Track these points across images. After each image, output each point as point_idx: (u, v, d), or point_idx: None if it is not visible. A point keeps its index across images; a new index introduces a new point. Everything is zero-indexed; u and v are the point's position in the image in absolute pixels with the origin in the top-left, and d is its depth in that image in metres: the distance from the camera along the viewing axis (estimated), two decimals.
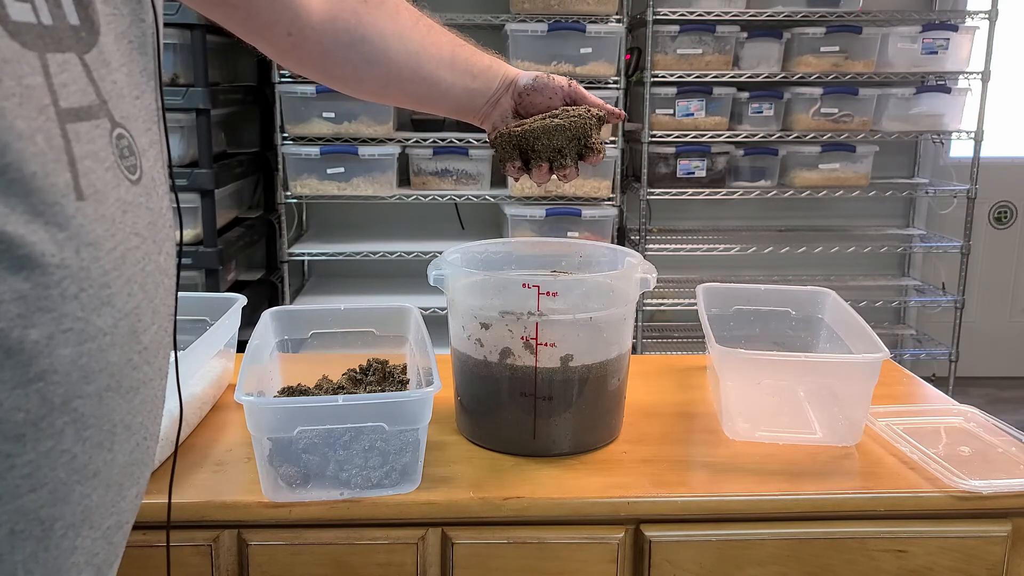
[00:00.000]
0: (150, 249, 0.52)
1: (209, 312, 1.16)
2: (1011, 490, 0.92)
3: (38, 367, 0.43)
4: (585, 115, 0.95)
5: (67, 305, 0.44)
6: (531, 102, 1.00)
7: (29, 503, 0.44)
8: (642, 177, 3.04)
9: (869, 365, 1.02)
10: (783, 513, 0.93)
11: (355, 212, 3.29)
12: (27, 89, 0.43)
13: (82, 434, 0.46)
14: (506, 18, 2.83)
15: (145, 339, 0.51)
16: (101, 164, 0.47)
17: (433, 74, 0.97)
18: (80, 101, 0.47)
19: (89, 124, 0.47)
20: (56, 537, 0.46)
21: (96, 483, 0.48)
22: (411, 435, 0.91)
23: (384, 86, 0.98)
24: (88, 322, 0.46)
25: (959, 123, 3.12)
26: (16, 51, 0.43)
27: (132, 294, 0.49)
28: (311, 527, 0.90)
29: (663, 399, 1.19)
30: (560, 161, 0.95)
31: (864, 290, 3.43)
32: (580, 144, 0.95)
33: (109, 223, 0.47)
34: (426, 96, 1.00)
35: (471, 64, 1.00)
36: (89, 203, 0.46)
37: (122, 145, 0.50)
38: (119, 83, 0.51)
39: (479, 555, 0.92)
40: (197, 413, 1.08)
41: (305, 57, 0.94)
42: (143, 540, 0.88)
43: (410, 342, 1.14)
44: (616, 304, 1.00)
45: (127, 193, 0.50)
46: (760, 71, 3.01)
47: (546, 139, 0.94)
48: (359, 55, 0.94)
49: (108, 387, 0.48)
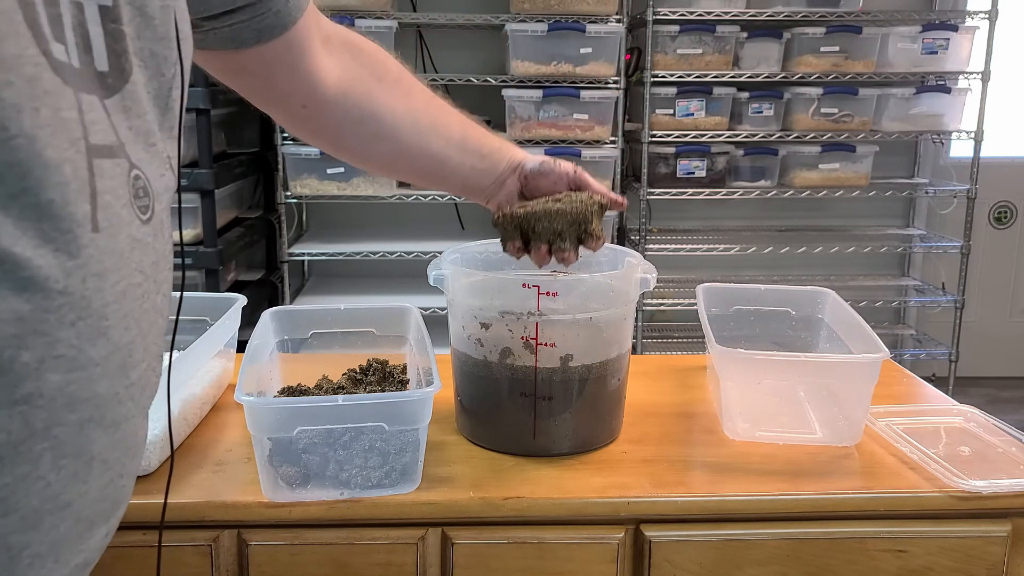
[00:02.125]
0: (150, 288, 0.53)
1: (209, 312, 1.16)
2: (1011, 490, 0.92)
3: (24, 389, 0.43)
4: (587, 201, 0.96)
5: (63, 331, 0.45)
6: (536, 185, 1.01)
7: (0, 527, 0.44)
8: (642, 177, 3.04)
9: (869, 365, 1.02)
10: (783, 513, 0.93)
11: (355, 212, 3.29)
12: (62, 121, 0.44)
13: (59, 462, 0.46)
14: (506, 18, 2.83)
15: (134, 375, 0.51)
16: (118, 200, 0.49)
17: (441, 153, 0.99)
18: (104, 140, 0.48)
19: (111, 162, 0.49)
20: (22, 566, 0.46)
21: (67, 514, 0.48)
22: (411, 435, 0.91)
23: (392, 161, 1.00)
24: (81, 351, 0.46)
25: (959, 123, 3.12)
26: (58, 85, 0.44)
27: (128, 328, 0.50)
28: (311, 527, 0.90)
29: (663, 399, 1.19)
30: (559, 244, 0.96)
31: (864, 290, 3.43)
32: (580, 229, 0.96)
33: (118, 257, 0.48)
34: (434, 174, 1.02)
35: (480, 146, 1.01)
36: (103, 235, 0.47)
37: (138, 186, 0.51)
38: (135, 129, 0.52)
39: (479, 555, 0.92)
40: (197, 413, 1.08)
41: (317, 129, 0.95)
42: (143, 540, 0.88)
43: (410, 342, 1.14)
44: (616, 304, 1.00)
45: (137, 231, 0.51)
46: (760, 71, 3.01)
47: (547, 222, 0.95)
48: (369, 131, 0.95)
49: (91, 418, 0.48)
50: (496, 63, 3.16)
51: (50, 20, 0.45)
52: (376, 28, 2.77)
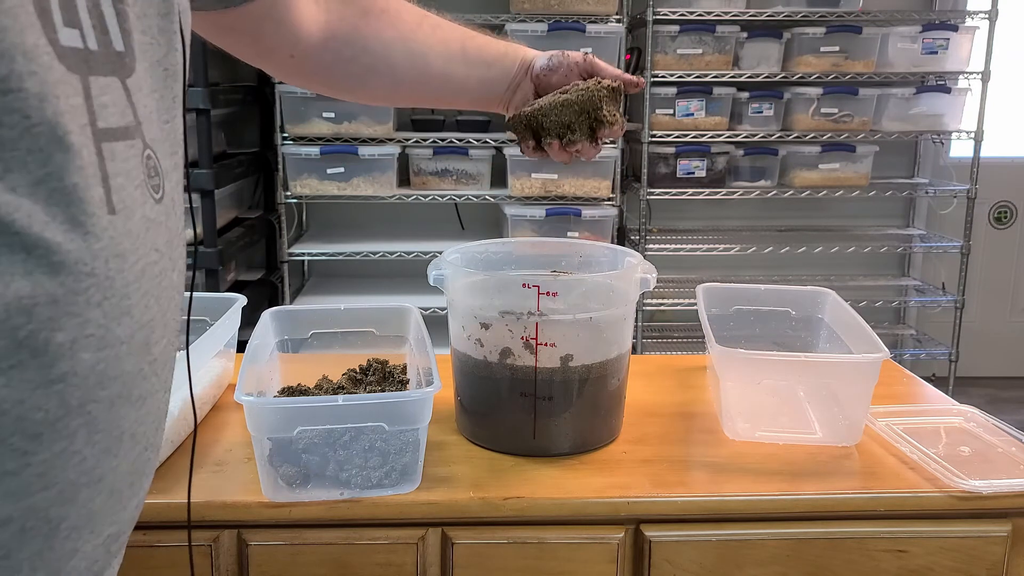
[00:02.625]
0: (166, 265, 0.54)
1: (209, 312, 1.16)
2: (1011, 490, 0.92)
3: (60, 369, 0.45)
4: (594, 87, 0.93)
5: (91, 312, 0.46)
6: (549, 82, 0.99)
7: (40, 501, 0.46)
8: (642, 177, 3.04)
9: (869, 365, 1.02)
10: (783, 513, 0.93)
11: (355, 212, 3.29)
12: (72, 108, 0.45)
13: (93, 438, 0.48)
14: (506, 18, 2.83)
15: (156, 351, 0.53)
16: (131, 182, 0.50)
17: (444, 70, 0.98)
18: (118, 122, 0.49)
19: (124, 144, 0.50)
20: (61, 538, 0.47)
21: (101, 488, 0.50)
22: (411, 435, 0.91)
23: (394, 90, 0.99)
24: (108, 329, 0.48)
25: (959, 123, 3.12)
26: (62, 73, 0.45)
27: (148, 307, 0.51)
28: (311, 527, 0.90)
29: (663, 399, 1.19)
30: (570, 137, 0.94)
31: (864, 290, 3.43)
32: (590, 118, 0.93)
33: (135, 238, 0.50)
34: (441, 93, 1.01)
35: (484, 54, 1.00)
36: (119, 217, 0.48)
37: (150, 165, 0.52)
38: (150, 108, 0.54)
39: (479, 555, 0.92)
40: (197, 413, 1.08)
41: (310, 74, 0.96)
42: (143, 540, 0.88)
43: (410, 342, 1.14)
44: (616, 304, 1.00)
45: (151, 211, 0.52)
46: (760, 71, 3.01)
47: (555, 115, 0.93)
48: (362, 66, 0.95)
49: (120, 395, 0.49)
50: None
51: (62, 5, 0.46)
52: None
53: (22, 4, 0.43)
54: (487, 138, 2.94)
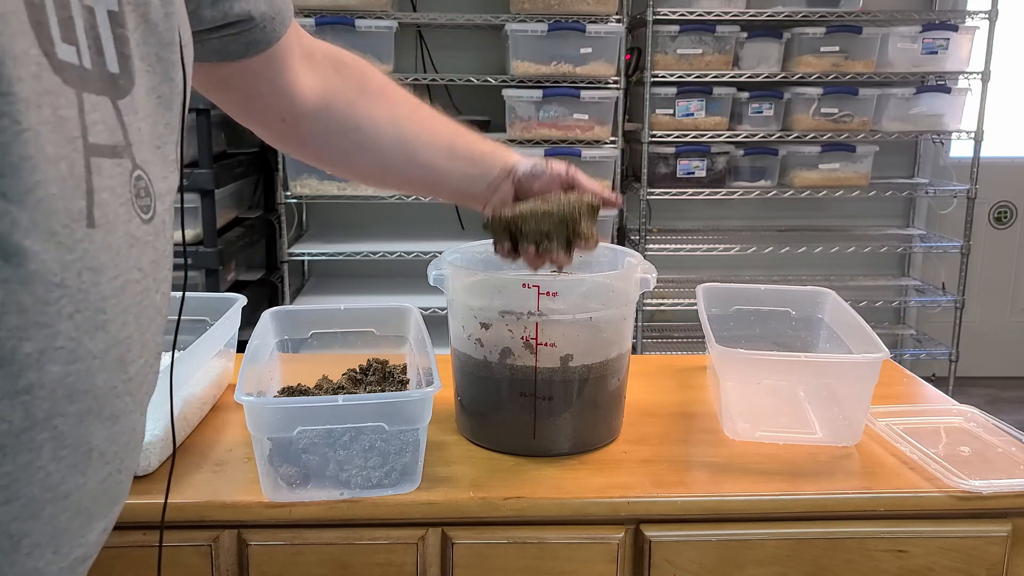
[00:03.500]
0: (149, 285, 0.54)
1: (209, 312, 1.16)
2: (1011, 490, 0.92)
3: (26, 380, 0.44)
4: (575, 201, 0.94)
5: (62, 323, 0.46)
6: (530, 187, 1.00)
7: (1, 515, 0.45)
8: (642, 177, 3.04)
9: (869, 365, 1.02)
10: (783, 513, 0.93)
11: (355, 212, 3.29)
12: (61, 120, 0.46)
13: (59, 453, 0.47)
14: (506, 18, 2.83)
15: (132, 370, 0.52)
16: (117, 199, 0.50)
17: (429, 161, 0.97)
18: (108, 140, 0.50)
19: (112, 161, 0.50)
20: (22, 555, 0.46)
21: (66, 505, 0.49)
22: (411, 435, 0.91)
23: (379, 172, 0.99)
24: (79, 343, 0.47)
25: (959, 123, 3.12)
26: (57, 85, 0.46)
27: (126, 323, 0.51)
28: (311, 527, 0.90)
29: (663, 399, 1.19)
30: (547, 245, 0.94)
31: (864, 290, 3.43)
32: (568, 230, 0.94)
33: (115, 253, 0.49)
34: (423, 182, 1.01)
35: (470, 151, 1.00)
36: (99, 231, 0.48)
37: (140, 186, 0.53)
38: (143, 131, 0.54)
39: (479, 555, 0.92)
40: (197, 413, 1.08)
41: (298, 142, 0.95)
42: (142, 540, 0.88)
43: (410, 342, 1.14)
44: (616, 304, 1.00)
45: (137, 229, 0.52)
46: (760, 71, 3.01)
47: (533, 223, 0.94)
48: (351, 142, 0.94)
49: (90, 410, 0.49)
50: (496, 63, 3.16)
51: (60, 22, 0.46)
52: (376, 28, 2.77)
53: (15, 12, 0.43)
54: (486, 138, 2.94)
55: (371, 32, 2.77)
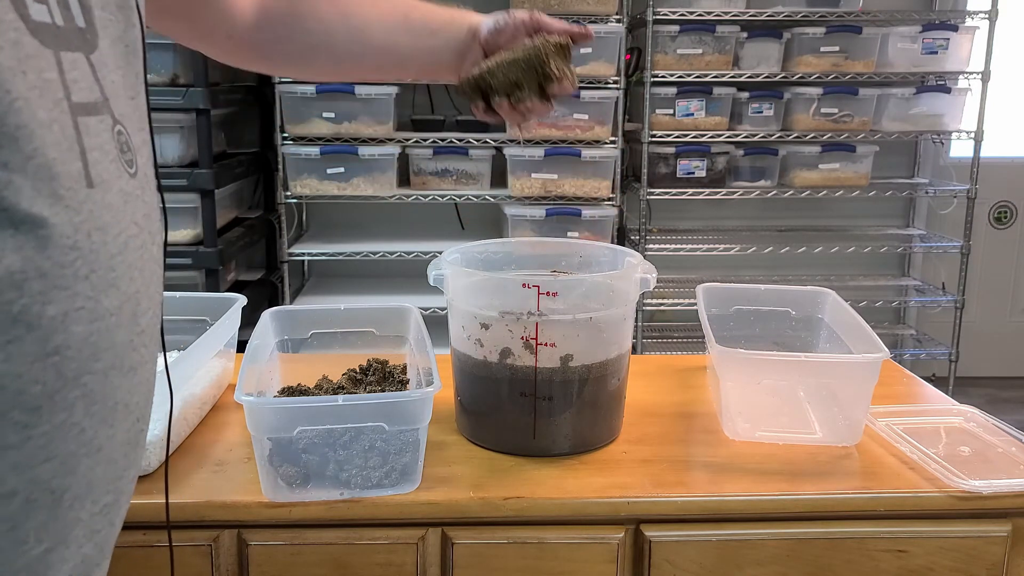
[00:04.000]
0: (146, 239, 0.54)
1: (209, 312, 1.16)
2: (1011, 490, 0.92)
3: (54, 342, 0.46)
4: (540, 44, 0.92)
5: (79, 284, 0.47)
6: (497, 44, 0.97)
7: (43, 473, 0.46)
8: (642, 177, 3.04)
9: (869, 365, 1.02)
10: (783, 513, 0.93)
11: (355, 212, 3.29)
12: (46, 83, 0.46)
13: (90, 409, 0.49)
14: None
15: (143, 322, 0.53)
16: (106, 156, 0.50)
17: (386, 42, 0.96)
18: (88, 97, 0.50)
19: (96, 119, 0.50)
20: (64, 508, 0.48)
21: (100, 457, 0.50)
22: (411, 435, 0.91)
23: (337, 64, 0.98)
24: (98, 302, 0.48)
25: (959, 123, 3.12)
26: (36, 48, 0.45)
27: (133, 279, 0.52)
28: (311, 527, 0.90)
29: (663, 399, 1.19)
30: (518, 95, 0.92)
31: (864, 290, 3.43)
32: (538, 74, 0.91)
33: (114, 211, 0.50)
34: (386, 64, 0.99)
35: (428, 22, 0.98)
36: (98, 191, 0.49)
37: (121, 140, 0.53)
38: (116, 83, 0.54)
39: (479, 555, 0.92)
40: (197, 413, 1.08)
41: (253, 56, 0.95)
42: (143, 540, 0.88)
43: (410, 342, 1.14)
44: (616, 304, 1.00)
45: (127, 185, 0.52)
46: (760, 71, 3.01)
47: (501, 75, 0.92)
48: (301, 44, 0.94)
49: (112, 365, 0.50)
50: None
51: None
52: None
53: None
54: (487, 138, 2.94)
55: None
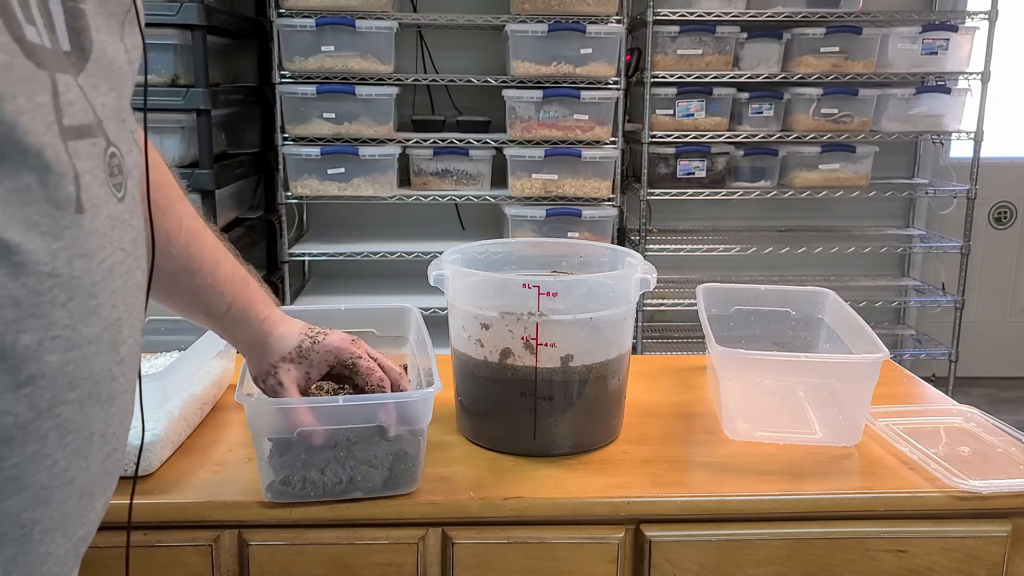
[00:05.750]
0: (131, 265, 0.53)
1: None
2: (1011, 490, 0.93)
3: (28, 371, 0.45)
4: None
5: (56, 312, 0.46)
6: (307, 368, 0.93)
7: (13, 506, 0.45)
8: (642, 177, 3.04)
9: (869, 365, 1.02)
10: (783, 513, 0.93)
11: (355, 212, 3.29)
12: (37, 106, 0.45)
13: (64, 440, 0.48)
14: (506, 18, 2.83)
15: (123, 350, 0.52)
16: (96, 180, 0.49)
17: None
18: (81, 120, 0.49)
19: (87, 142, 0.49)
20: (35, 542, 0.47)
21: (72, 489, 0.49)
22: (412, 435, 0.91)
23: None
24: (75, 330, 0.47)
25: (959, 123, 3.12)
26: (31, 70, 0.45)
27: (115, 306, 0.51)
28: (311, 527, 0.91)
29: (663, 399, 1.19)
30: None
31: (864, 290, 3.43)
32: None
33: (101, 236, 0.49)
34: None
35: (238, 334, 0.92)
36: (86, 216, 0.48)
37: (113, 164, 0.52)
38: (108, 106, 0.53)
39: (479, 555, 0.92)
40: (198, 413, 1.08)
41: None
42: (143, 540, 0.88)
43: (410, 342, 1.14)
44: (616, 304, 1.00)
45: (115, 209, 0.51)
46: (760, 71, 3.01)
47: None
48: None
49: (89, 395, 0.49)
50: (496, 63, 3.16)
51: (19, 2, 0.45)
52: (376, 29, 2.77)
53: None
54: (487, 138, 2.94)
55: (371, 33, 2.77)
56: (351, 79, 2.81)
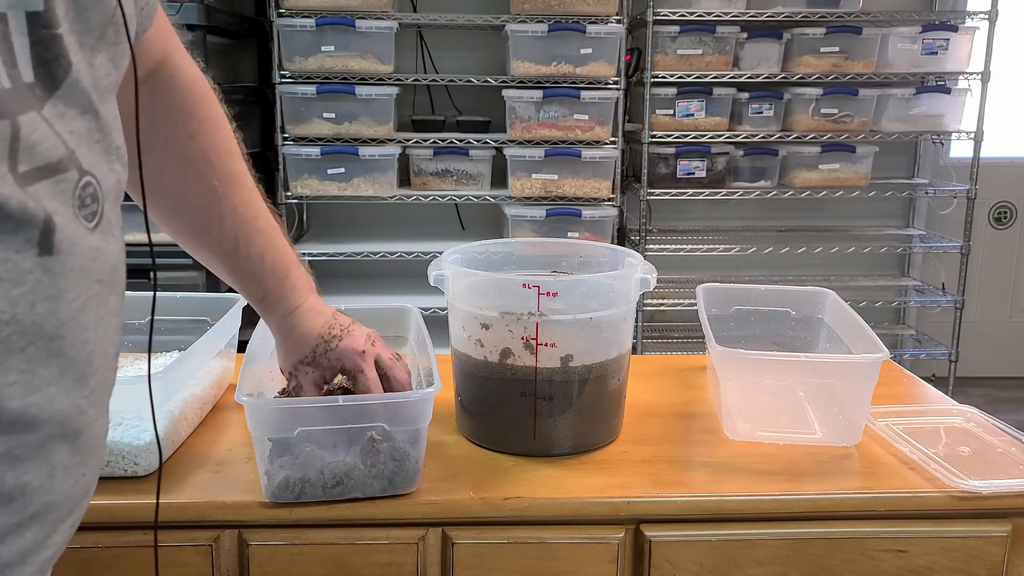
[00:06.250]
0: (107, 293, 0.52)
1: (210, 312, 1.16)
2: (1011, 490, 0.93)
3: None
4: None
5: (12, 359, 0.45)
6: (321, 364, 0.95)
7: None
8: (642, 177, 3.04)
9: (869, 365, 1.02)
10: (783, 513, 0.93)
11: (356, 212, 3.29)
12: None
13: (22, 479, 0.47)
14: (506, 18, 2.83)
15: (92, 383, 0.51)
16: (67, 219, 0.48)
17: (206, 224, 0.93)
18: (48, 157, 0.47)
19: (50, 181, 0.47)
20: None
21: (32, 523, 0.48)
22: (411, 435, 0.91)
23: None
24: (33, 374, 0.46)
25: (959, 123, 3.12)
26: None
27: (86, 341, 0.50)
28: (311, 527, 0.90)
29: (663, 399, 1.19)
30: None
31: (864, 290, 3.43)
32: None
33: (78, 275, 0.48)
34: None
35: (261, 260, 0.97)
36: (59, 257, 0.46)
37: (86, 194, 0.50)
38: (78, 131, 0.50)
39: (479, 555, 0.92)
40: (197, 413, 1.08)
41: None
42: (143, 540, 0.88)
43: (410, 342, 1.14)
44: (616, 304, 1.00)
45: (94, 240, 0.50)
46: (760, 71, 3.01)
47: None
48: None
49: (52, 434, 0.48)
50: (496, 63, 3.16)
51: None
52: (376, 28, 2.77)
53: None
54: (487, 138, 2.94)
55: (371, 32, 2.78)
56: (351, 79, 2.82)
